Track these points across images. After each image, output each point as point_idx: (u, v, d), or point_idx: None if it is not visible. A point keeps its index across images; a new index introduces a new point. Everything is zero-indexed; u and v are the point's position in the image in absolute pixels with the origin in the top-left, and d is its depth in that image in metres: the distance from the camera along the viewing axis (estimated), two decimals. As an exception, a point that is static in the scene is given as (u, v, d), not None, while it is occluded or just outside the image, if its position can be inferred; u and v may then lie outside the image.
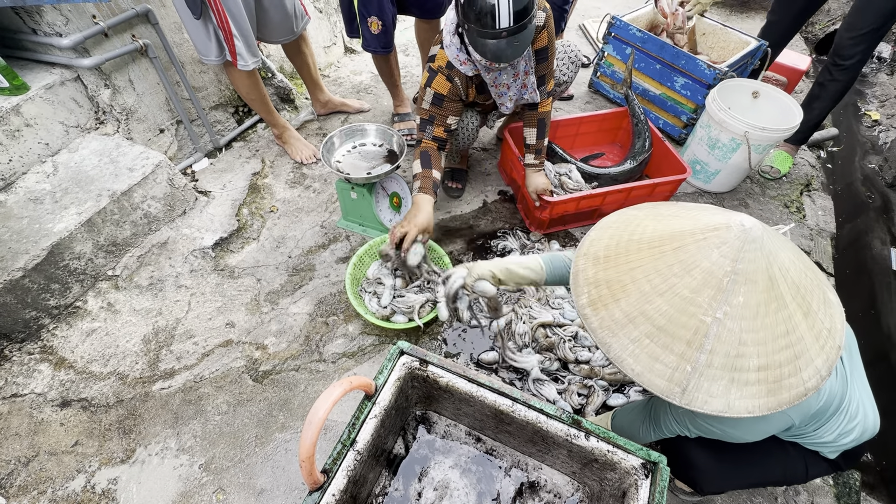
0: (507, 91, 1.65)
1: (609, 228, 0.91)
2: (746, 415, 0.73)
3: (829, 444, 1.03)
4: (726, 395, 0.73)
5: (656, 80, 2.52)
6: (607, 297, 0.81)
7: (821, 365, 0.75)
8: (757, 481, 1.15)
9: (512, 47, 1.37)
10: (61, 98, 1.82)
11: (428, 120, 1.67)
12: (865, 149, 2.77)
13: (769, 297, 0.73)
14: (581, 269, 0.87)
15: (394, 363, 1.17)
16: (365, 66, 3.07)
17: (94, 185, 1.81)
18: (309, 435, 0.85)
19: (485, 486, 1.30)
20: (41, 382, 1.60)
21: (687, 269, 0.75)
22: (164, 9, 2.01)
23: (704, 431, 1.01)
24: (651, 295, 0.77)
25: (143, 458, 1.46)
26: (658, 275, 0.77)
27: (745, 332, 0.73)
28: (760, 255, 0.73)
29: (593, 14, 3.54)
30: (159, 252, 1.96)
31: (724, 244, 0.74)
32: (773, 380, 0.73)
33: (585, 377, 1.59)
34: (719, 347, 0.73)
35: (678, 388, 0.75)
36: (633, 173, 2.19)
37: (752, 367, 0.73)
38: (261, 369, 1.65)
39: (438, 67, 1.59)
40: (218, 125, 2.46)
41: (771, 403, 0.74)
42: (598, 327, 0.81)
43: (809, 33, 3.72)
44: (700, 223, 0.78)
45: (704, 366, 0.74)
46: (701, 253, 0.75)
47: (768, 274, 0.73)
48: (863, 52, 2.06)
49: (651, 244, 0.81)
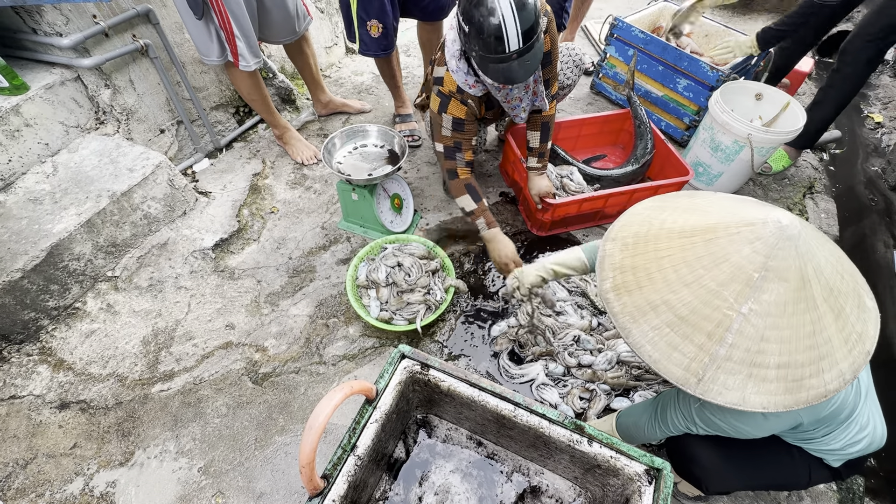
0: (520, 104, 1.63)
1: (640, 214, 0.90)
2: (761, 410, 0.73)
3: (836, 452, 1.02)
4: (742, 389, 0.73)
5: (659, 81, 2.51)
6: (632, 284, 0.81)
7: (846, 368, 0.74)
8: (761, 483, 1.14)
9: (524, 67, 1.34)
10: (61, 98, 1.81)
11: (454, 147, 1.65)
12: (868, 151, 2.76)
13: (799, 297, 0.72)
14: (608, 253, 0.87)
15: (395, 367, 1.16)
16: (366, 66, 3.06)
17: (94, 185, 1.80)
18: (309, 440, 0.84)
19: (486, 491, 1.29)
20: (40, 384, 1.59)
21: (716, 261, 0.74)
22: (165, 9, 2.00)
23: (710, 426, 1.00)
24: (677, 284, 0.77)
25: (142, 460, 1.45)
26: (686, 265, 0.77)
27: (769, 329, 0.72)
28: (795, 253, 0.71)
29: (595, 15, 3.53)
30: (159, 253, 1.95)
31: (758, 240, 0.73)
32: (793, 378, 0.73)
33: (588, 381, 1.58)
34: (741, 342, 0.73)
35: (694, 378, 0.75)
36: (636, 175, 2.18)
37: (771, 364, 0.73)
38: (261, 371, 1.64)
39: (450, 92, 1.57)
40: (219, 125, 2.45)
41: (787, 401, 0.73)
42: (619, 312, 0.81)
43: (812, 35, 3.70)
44: (736, 217, 0.77)
45: (723, 359, 0.73)
46: (733, 247, 0.74)
47: (801, 273, 0.72)
48: (868, 59, 2.04)
49: (682, 234, 0.80)
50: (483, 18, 1.25)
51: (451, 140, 1.64)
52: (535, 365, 1.62)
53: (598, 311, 1.80)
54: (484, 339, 1.74)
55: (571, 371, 1.61)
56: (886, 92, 3.17)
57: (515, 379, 1.61)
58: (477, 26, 1.27)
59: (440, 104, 1.60)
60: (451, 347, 1.72)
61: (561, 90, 2.11)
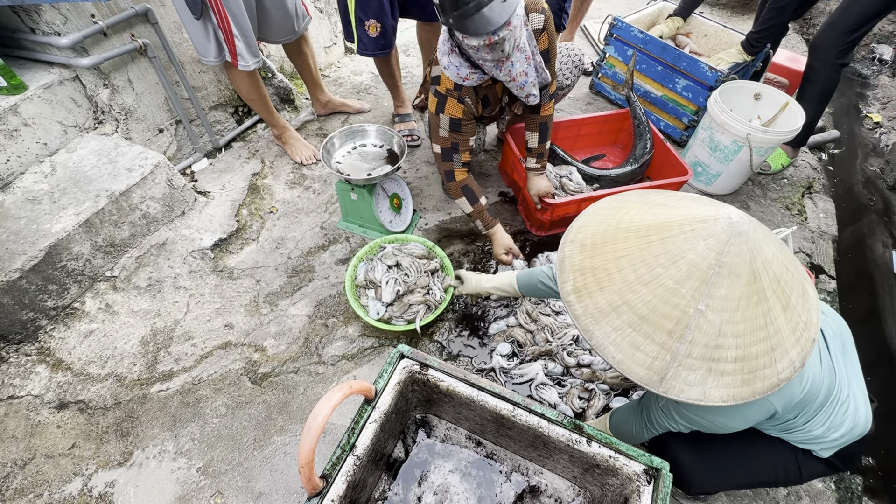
0: (527, 79, 1.53)
1: (598, 215, 0.90)
2: (721, 403, 0.75)
3: (820, 440, 1.02)
4: (703, 385, 0.75)
5: (658, 81, 2.51)
6: (592, 285, 0.82)
7: (795, 357, 0.77)
8: (746, 481, 1.14)
9: (499, 7, 1.25)
10: (59, 98, 1.81)
11: (452, 148, 1.65)
12: (867, 151, 2.76)
13: (751, 291, 0.74)
14: (567, 255, 0.87)
15: (394, 367, 1.16)
16: (365, 66, 3.06)
17: (93, 185, 1.80)
18: (308, 440, 0.84)
19: (485, 491, 1.29)
20: (38, 384, 1.59)
21: (673, 259, 0.75)
22: (164, 8, 2.00)
23: (689, 422, 1.01)
24: (635, 284, 0.78)
25: (141, 460, 1.44)
26: (644, 264, 0.78)
27: (724, 323, 0.74)
28: (745, 248, 0.73)
29: (594, 15, 3.53)
30: (158, 253, 1.95)
31: (711, 236, 0.74)
32: (749, 370, 0.75)
33: (587, 381, 1.58)
34: (699, 338, 0.74)
35: (657, 377, 0.77)
36: (635, 175, 2.18)
37: (729, 359, 0.75)
38: (259, 371, 1.64)
39: (447, 91, 1.55)
40: (217, 125, 2.45)
41: (745, 393, 0.75)
42: (581, 314, 0.82)
43: (810, 35, 3.71)
44: (689, 214, 0.78)
45: (684, 356, 0.75)
46: (688, 244, 0.75)
47: (752, 268, 0.74)
48: (836, 54, 2.04)
49: (638, 233, 0.81)
50: None
51: (449, 141, 1.64)
52: (535, 364, 1.62)
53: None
54: (483, 339, 1.74)
55: (570, 371, 1.61)
56: (885, 92, 3.18)
57: (514, 379, 1.61)
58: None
59: (437, 104, 1.59)
60: (450, 347, 1.72)
61: (560, 90, 2.11)
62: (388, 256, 1.79)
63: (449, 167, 1.69)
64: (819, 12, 3.80)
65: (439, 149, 1.67)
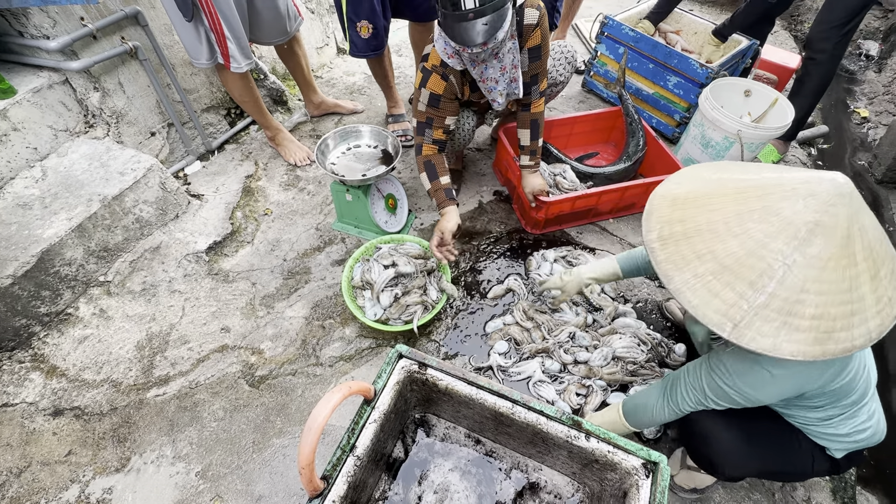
0: (496, 86, 1.61)
1: (693, 177, 0.94)
2: (790, 357, 0.77)
3: (842, 439, 1.04)
4: (776, 336, 0.77)
5: (649, 79, 2.53)
6: (679, 235, 0.86)
7: (874, 327, 0.78)
8: (772, 467, 1.13)
9: (481, 30, 1.34)
10: (49, 101, 1.79)
11: (426, 123, 1.65)
12: (855, 146, 2.80)
13: (842, 253, 0.75)
14: (656, 207, 0.92)
15: (392, 367, 1.17)
16: (358, 67, 3.06)
17: (85, 189, 1.78)
18: (308, 441, 0.84)
19: (485, 489, 1.30)
20: (32, 391, 1.57)
21: (767, 215, 0.78)
22: (154, 10, 1.99)
23: (719, 395, 1.02)
24: (725, 235, 0.81)
25: (139, 466, 1.44)
26: (736, 218, 0.81)
27: (809, 281, 0.75)
28: (846, 211, 0.74)
29: (586, 14, 3.54)
30: (152, 257, 1.94)
31: (812, 196, 0.76)
32: (824, 330, 0.76)
33: (584, 377, 1.59)
34: (781, 292, 0.76)
35: (730, 323, 0.79)
36: (628, 172, 2.19)
37: (807, 315, 0.76)
38: (257, 374, 1.64)
39: (433, 66, 1.57)
40: (210, 128, 2.44)
41: (815, 351, 0.76)
42: (663, 261, 0.86)
43: (798, 31, 3.76)
44: (789, 176, 0.81)
45: (761, 306, 0.77)
46: (786, 202, 0.77)
47: (848, 231, 0.75)
48: (833, 46, 2.08)
49: (736, 192, 0.84)
50: None
51: (425, 116, 1.64)
52: (532, 362, 1.63)
53: (593, 307, 1.81)
54: (480, 337, 1.74)
55: (567, 368, 1.62)
56: (872, 87, 3.23)
57: (512, 377, 1.62)
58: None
59: (422, 79, 1.60)
60: (447, 346, 1.72)
61: (554, 87, 2.12)
62: (384, 257, 1.79)
63: (420, 141, 1.69)
64: (806, 9, 3.84)
65: (415, 122, 1.68)
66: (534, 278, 1.86)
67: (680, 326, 1.78)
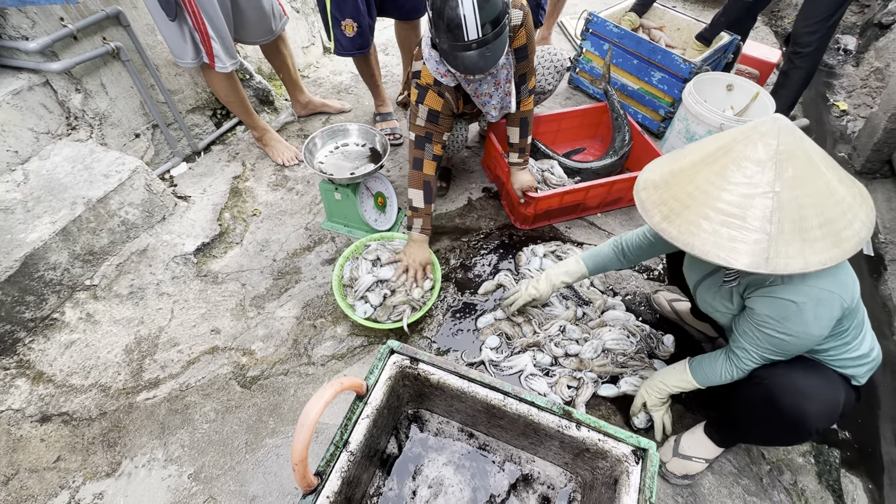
0: (490, 100, 1.65)
1: (658, 164, 1.06)
2: (821, 266, 0.86)
3: (864, 360, 1.10)
4: (802, 255, 0.86)
5: (634, 74, 2.56)
6: (679, 208, 0.95)
7: (864, 217, 0.90)
8: (839, 406, 1.09)
9: (483, 58, 1.36)
10: (30, 104, 1.76)
11: (425, 137, 1.66)
12: (835, 138, 2.86)
13: (810, 169, 0.88)
14: (644, 198, 1.02)
15: (384, 362, 1.17)
16: (345, 66, 3.05)
17: (68, 192, 1.76)
18: (301, 438, 0.85)
19: (479, 482, 1.31)
20: (19, 398, 1.55)
21: (739, 164, 0.90)
22: (136, 10, 1.96)
23: (772, 343, 1.07)
24: (716, 191, 0.91)
25: (130, 470, 1.42)
26: (717, 176, 0.91)
27: (801, 197, 0.87)
28: (794, 136, 0.89)
29: (571, 11, 3.57)
30: (139, 260, 1.91)
31: (765, 135, 0.89)
32: (834, 233, 0.87)
33: (575, 370, 1.61)
34: (785, 214, 0.86)
35: (762, 259, 0.87)
36: (615, 167, 2.22)
37: (815, 226, 0.87)
38: (248, 375, 1.63)
39: (427, 84, 1.58)
40: (196, 128, 2.41)
41: (837, 254, 0.86)
42: (678, 234, 0.94)
43: (779, 27, 3.82)
44: (736, 131, 0.93)
45: (777, 233, 0.87)
46: (748, 148, 0.89)
47: (804, 151, 0.88)
48: (818, 39, 2.13)
49: (703, 159, 0.95)
50: (443, 4, 1.27)
51: (424, 130, 1.65)
52: (523, 356, 1.64)
53: (583, 301, 1.83)
54: (472, 333, 1.75)
55: (559, 361, 1.64)
56: (850, 81, 3.30)
57: (504, 371, 1.63)
58: (438, 11, 1.29)
59: (418, 95, 1.61)
60: (439, 342, 1.73)
61: (542, 94, 2.14)
62: (370, 253, 1.80)
63: (419, 155, 1.69)
64: (786, 4, 3.91)
65: (414, 136, 1.69)
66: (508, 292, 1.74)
67: (668, 318, 1.81)
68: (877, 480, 1.53)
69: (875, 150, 2.47)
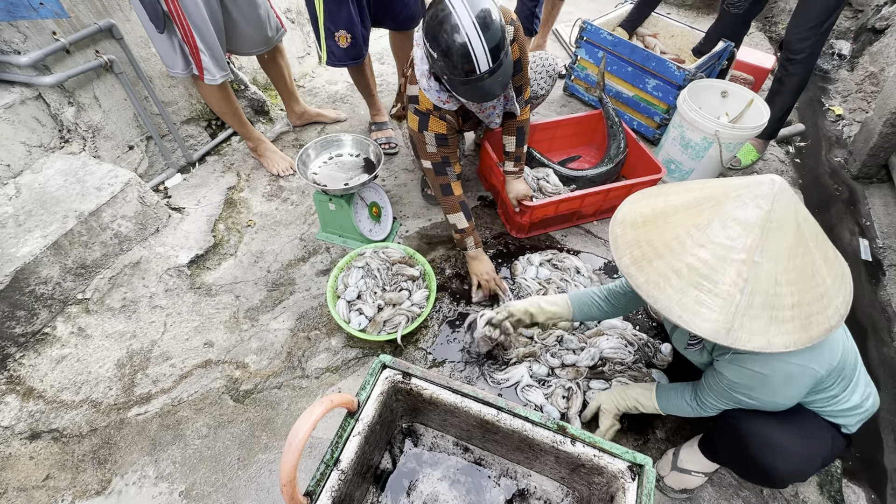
0: (494, 111, 1.65)
1: (641, 202, 0.99)
2: (783, 349, 0.81)
3: (855, 411, 1.05)
4: (766, 333, 0.81)
5: (629, 82, 2.56)
6: (651, 255, 0.89)
7: (840, 304, 0.85)
8: (819, 460, 1.06)
9: (496, 83, 1.34)
10: (22, 117, 1.76)
11: (443, 162, 1.66)
12: (831, 143, 2.86)
13: (797, 242, 0.82)
14: (619, 234, 0.96)
15: (376, 377, 1.15)
16: (340, 75, 3.05)
17: (60, 206, 1.75)
18: (289, 458, 0.83)
19: (475, 497, 1.29)
20: (8, 415, 1.53)
21: (725, 222, 0.83)
22: (129, 23, 1.96)
23: (747, 404, 1.04)
24: (693, 247, 0.85)
25: (120, 488, 1.40)
26: (698, 229, 0.85)
27: (780, 273, 0.81)
28: (789, 204, 0.82)
29: (565, 19, 3.59)
30: (132, 272, 1.90)
31: (759, 196, 0.82)
32: (805, 316, 0.82)
33: (571, 379, 1.59)
34: (758, 288, 0.81)
35: (724, 329, 0.82)
36: (610, 175, 2.21)
37: (787, 306, 0.81)
38: (241, 389, 1.61)
39: (427, 110, 1.57)
40: (190, 140, 2.41)
41: (804, 338, 0.81)
42: (644, 283, 0.88)
43: (773, 33, 3.84)
44: (731, 183, 0.87)
45: (746, 307, 0.81)
46: (738, 207, 0.83)
47: (796, 221, 0.82)
48: (811, 45, 2.12)
49: (687, 206, 0.89)
50: (450, 43, 1.25)
51: (439, 156, 1.65)
52: (520, 367, 1.62)
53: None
54: (467, 344, 1.73)
55: (555, 371, 1.62)
56: (845, 85, 3.30)
57: (501, 384, 1.61)
58: (444, 50, 1.27)
59: (419, 122, 1.60)
60: (434, 354, 1.71)
61: (535, 99, 2.13)
62: (360, 260, 1.80)
63: (444, 181, 1.69)
64: (780, 10, 3.93)
65: (430, 164, 1.67)
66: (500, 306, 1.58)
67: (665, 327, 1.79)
68: (880, 491, 1.50)
69: (871, 155, 2.46)
